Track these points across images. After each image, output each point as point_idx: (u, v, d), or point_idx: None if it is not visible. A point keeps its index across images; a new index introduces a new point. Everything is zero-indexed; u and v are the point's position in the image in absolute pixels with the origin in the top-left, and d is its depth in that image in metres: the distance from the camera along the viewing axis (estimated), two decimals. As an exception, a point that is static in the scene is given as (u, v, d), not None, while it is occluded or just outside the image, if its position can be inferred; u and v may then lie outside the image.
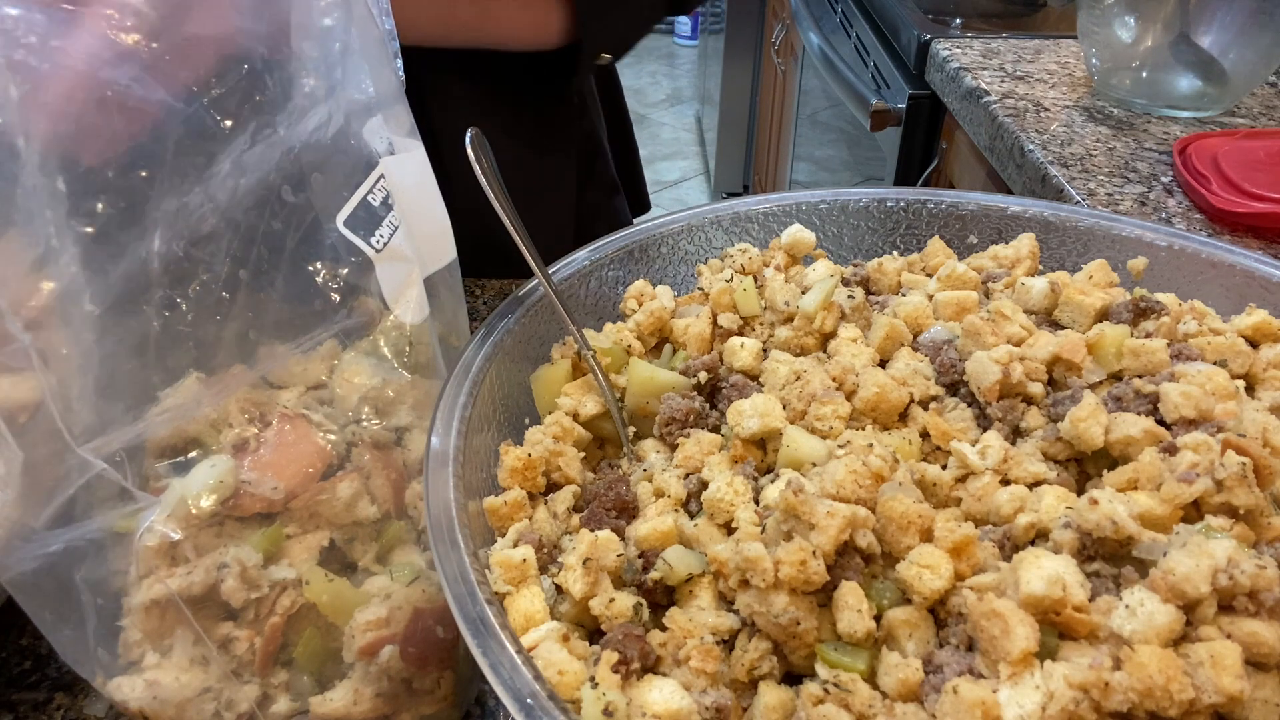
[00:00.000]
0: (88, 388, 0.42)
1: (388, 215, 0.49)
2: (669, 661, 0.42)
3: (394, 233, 0.49)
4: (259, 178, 0.44)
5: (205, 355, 0.46)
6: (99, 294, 0.41)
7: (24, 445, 0.40)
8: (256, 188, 0.44)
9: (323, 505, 0.47)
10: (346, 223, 0.47)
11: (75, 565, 0.42)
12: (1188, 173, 1.03)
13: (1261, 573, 0.37)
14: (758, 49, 3.14)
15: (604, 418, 0.56)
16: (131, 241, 0.42)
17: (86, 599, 0.43)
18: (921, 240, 0.68)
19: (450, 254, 0.54)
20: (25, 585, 0.41)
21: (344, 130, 0.48)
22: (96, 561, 0.43)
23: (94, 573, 0.43)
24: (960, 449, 0.48)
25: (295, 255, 0.46)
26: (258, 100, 0.44)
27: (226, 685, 0.45)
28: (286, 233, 0.46)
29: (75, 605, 0.43)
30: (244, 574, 0.44)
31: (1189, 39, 1.20)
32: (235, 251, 0.45)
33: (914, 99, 1.54)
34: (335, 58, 0.48)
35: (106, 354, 0.42)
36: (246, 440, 0.46)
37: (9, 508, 0.39)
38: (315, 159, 0.46)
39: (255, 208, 0.45)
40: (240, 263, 0.45)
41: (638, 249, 0.64)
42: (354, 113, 0.48)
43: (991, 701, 0.36)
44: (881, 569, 0.43)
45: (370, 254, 0.48)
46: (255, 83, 0.45)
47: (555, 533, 0.50)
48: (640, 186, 1.27)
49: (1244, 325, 0.54)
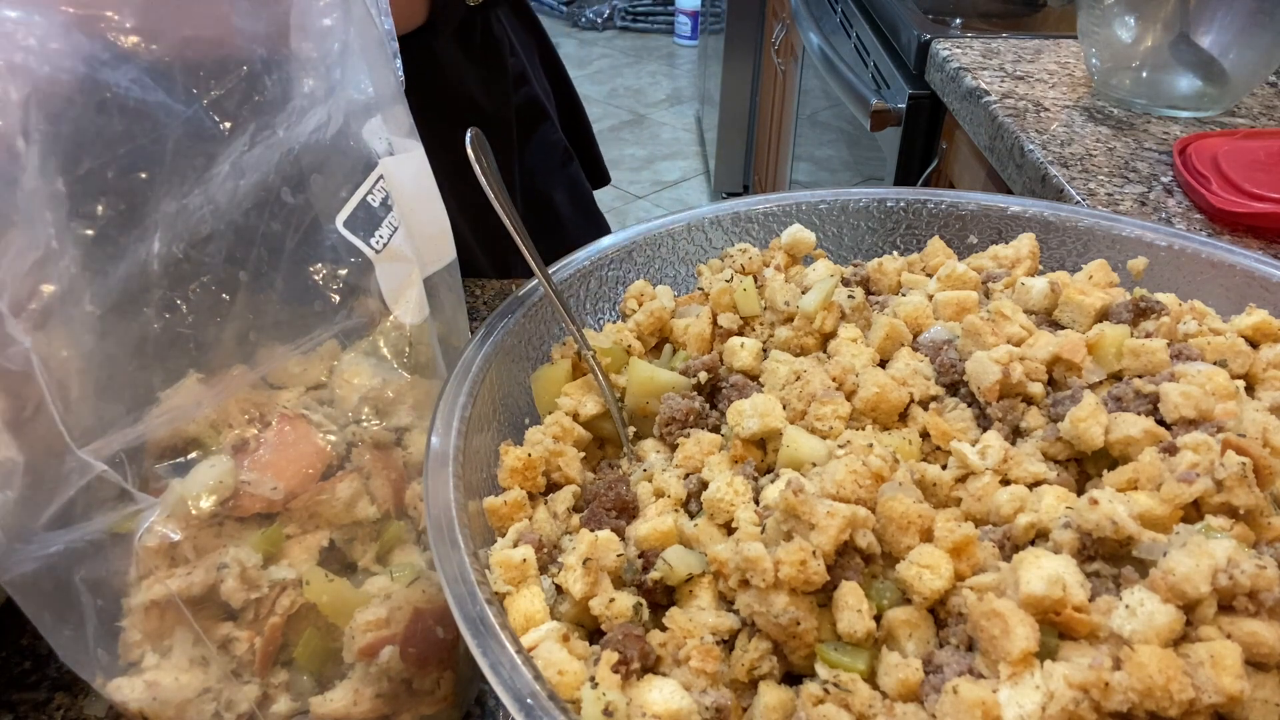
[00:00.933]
0: (88, 389, 0.42)
1: (387, 216, 0.49)
2: (669, 661, 0.42)
3: (394, 233, 0.49)
4: (258, 179, 0.44)
5: (205, 356, 0.46)
6: (99, 295, 0.41)
7: (24, 447, 0.40)
8: (255, 189, 0.44)
9: (322, 505, 0.47)
10: (346, 223, 0.47)
11: (75, 566, 0.42)
12: (1188, 173, 1.03)
13: (1261, 573, 0.37)
14: (758, 49, 3.14)
15: (604, 418, 0.56)
16: (131, 244, 0.42)
17: (86, 600, 0.43)
18: (921, 240, 0.68)
19: (450, 254, 0.54)
20: (25, 587, 0.41)
21: (343, 131, 0.48)
22: (96, 562, 0.43)
23: (94, 573, 0.43)
24: (960, 449, 0.48)
25: (295, 256, 0.46)
26: (256, 101, 0.44)
27: (226, 686, 0.45)
28: (286, 234, 0.46)
29: (75, 606, 0.43)
30: (243, 574, 0.44)
31: (1189, 39, 1.20)
32: (235, 253, 0.45)
33: (914, 99, 1.54)
34: (334, 58, 0.48)
35: (107, 355, 0.42)
36: (246, 441, 0.46)
37: (10, 509, 0.39)
38: (314, 160, 0.46)
39: (255, 209, 0.45)
40: (240, 264, 0.45)
41: (638, 249, 0.64)
42: (353, 113, 0.48)
43: (991, 701, 0.36)
44: (881, 569, 0.43)
45: (370, 255, 0.48)
46: (254, 84, 0.45)
47: (555, 533, 0.50)
48: (595, 158, 1.29)
49: (1244, 325, 0.54)
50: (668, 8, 5.16)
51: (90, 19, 0.41)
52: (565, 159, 1.20)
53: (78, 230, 0.41)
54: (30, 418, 0.39)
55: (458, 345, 0.56)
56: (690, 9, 4.93)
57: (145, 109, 0.42)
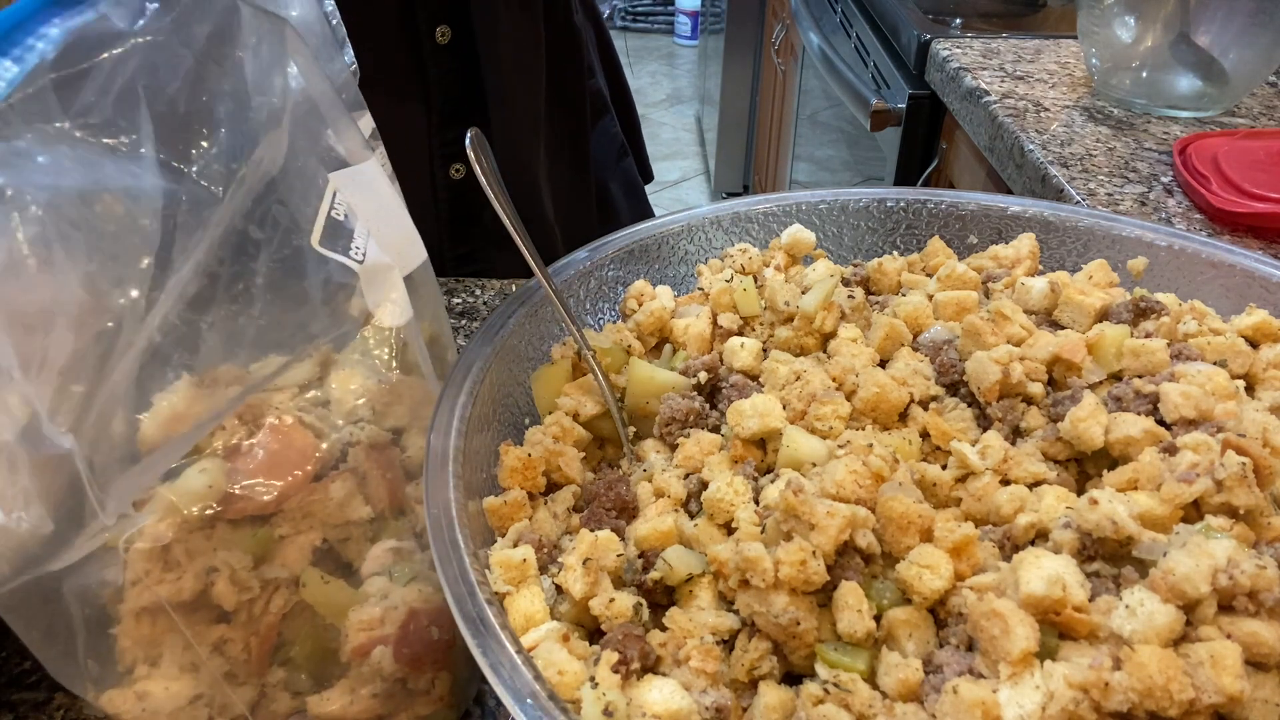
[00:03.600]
0: (113, 456, 0.42)
1: (356, 225, 0.49)
2: (669, 661, 0.42)
3: (367, 240, 0.50)
4: (226, 225, 0.44)
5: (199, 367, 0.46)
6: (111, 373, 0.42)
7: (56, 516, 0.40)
8: (225, 236, 0.45)
9: (315, 506, 0.47)
10: (322, 242, 0.48)
11: (64, 577, 0.42)
12: (1188, 173, 1.03)
13: (1261, 573, 0.37)
14: (758, 49, 3.14)
15: (604, 418, 0.56)
16: (140, 324, 0.42)
17: (75, 611, 0.42)
18: (921, 240, 0.68)
19: (420, 256, 0.54)
20: (12, 604, 0.40)
21: (293, 152, 0.48)
22: (85, 573, 0.42)
23: (82, 583, 0.42)
24: (960, 449, 0.48)
25: (279, 287, 0.47)
26: (226, 153, 0.45)
27: (219, 690, 0.45)
28: (264, 268, 0.46)
29: (64, 619, 0.42)
30: (233, 576, 0.44)
31: (1189, 39, 1.20)
32: (222, 303, 0.45)
33: (914, 99, 1.54)
34: (271, 74, 0.47)
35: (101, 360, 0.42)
36: (238, 444, 0.46)
37: (29, 528, 0.39)
38: (272, 192, 0.47)
39: (230, 255, 0.45)
40: (232, 312, 0.45)
41: (638, 249, 0.64)
42: (299, 131, 0.48)
43: (991, 701, 0.36)
44: (881, 569, 0.43)
45: (353, 265, 0.48)
46: (223, 140, 0.45)
47: (555, 533, 0.50)
48: (643, 156, 1.32)
49: (1244, 325, 0.54)
50: (668, 8, 5.16)
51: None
52: (621, 153, 1.23)
53: (98, 325, 0.41)
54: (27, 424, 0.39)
55: (445, 344, 0.56)
56: (690, 9, 4.93)
57: (142, 193, 0.42)
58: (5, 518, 0.38)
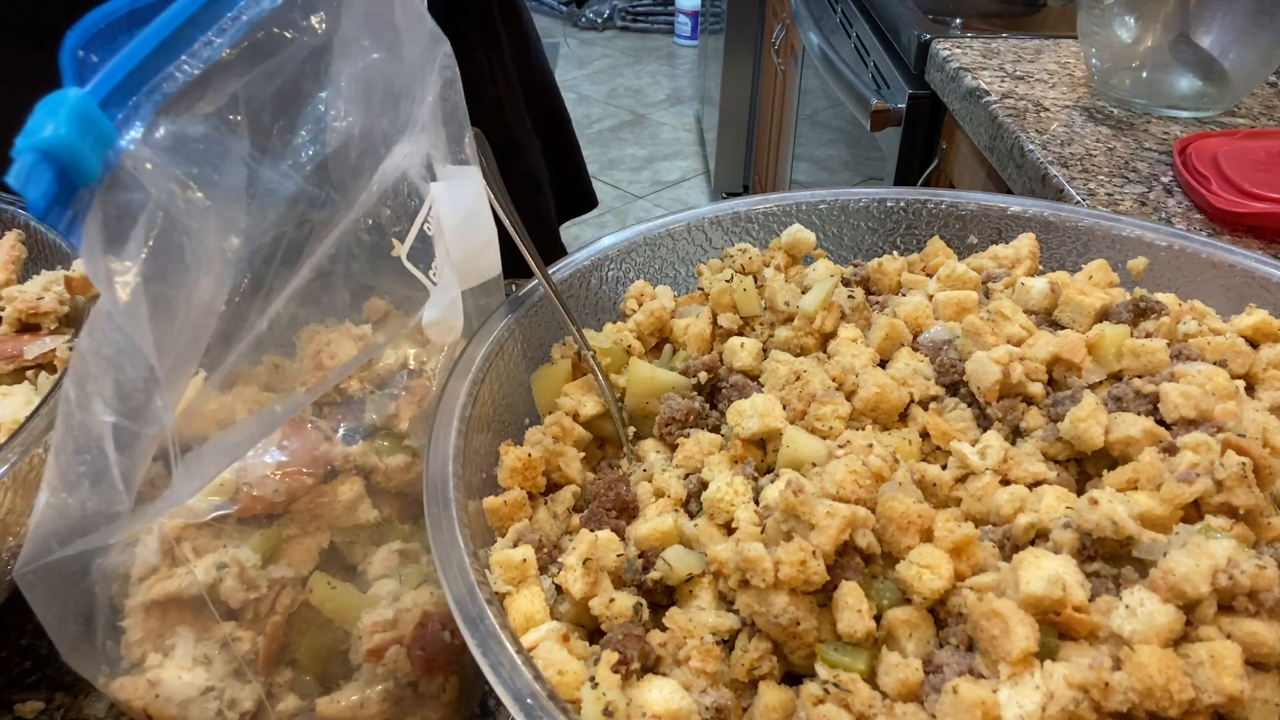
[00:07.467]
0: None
1: (438, 244, 0.50)
2: (669, 661, 0.42)
3: (443, 261, 0.50)
4: (344, 229, 0.45)
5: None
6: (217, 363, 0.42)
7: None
8: (340, 237, 0.45)
9: (323, 508, 0.47)
10: (409, 256, 0.48)
11: (93, 556, 0.42)
12: (1188, 173, 1.03)
13: (1261, 573, 0.37)
14: (758, 49, 3.14)
15: (604, 418, 0.56)
16: (255, 315, 0.43)
17: (100, 591, 0.43)
18: (921, 240, 0.68)
19: (495, 269, 0.55)
20: (41, 580, 0.41)
21: (412, 160, 0.48)
22: (113, 554, 0.43)
23: (110, 565, 0.43)
24: (960, 449, 0.48)
25: (363, 295, 0.48)
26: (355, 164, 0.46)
27: (229, 684, 0.45)
28: (357, 270, 0.47)
29: (87, 599, 0.43)
30: (242, 574, 0.44)
31: (1189, 39, 1.20)
32: (318, 300, 0.46)
33: (914, 99, 1.54)
34: (414, 79, 0.47)
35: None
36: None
37: (95, 507, 0.39)
38: (386, 200, 0.47)
39: (345, 256, 0.46)
40: (325, 308, 0.47)
41: (638, 249, 0.64)
42: (424, 139, 0.48)
43: (991, 701, 0.36)
44: (881, 569, 0.43)
45: (429, 285, 0.49)
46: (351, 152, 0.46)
47: (555, 533, 0.50)
48: (581, 181, 1.30)
49: (1244, 325, 0.54)
50: (668, 8, 5.16)
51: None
52: (534, 190, 1.20)
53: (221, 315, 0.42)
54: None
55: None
56: (690, 9, 4.92)
57: (287, 196, 0.43)
58: (69, 498, 0.38)
